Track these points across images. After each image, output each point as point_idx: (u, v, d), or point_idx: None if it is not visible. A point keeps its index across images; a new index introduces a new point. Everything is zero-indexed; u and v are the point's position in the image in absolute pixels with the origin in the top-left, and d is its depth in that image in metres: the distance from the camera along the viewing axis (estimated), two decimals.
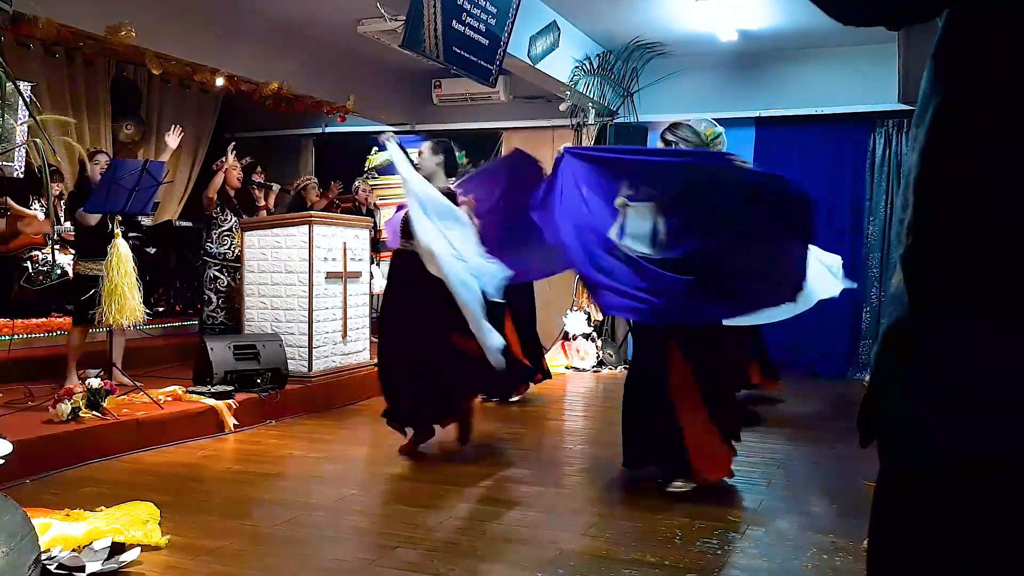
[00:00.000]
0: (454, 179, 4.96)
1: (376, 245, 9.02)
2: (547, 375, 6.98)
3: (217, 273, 6.76)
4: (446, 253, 4.30)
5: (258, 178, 7.43)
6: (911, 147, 0.98)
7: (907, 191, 0.95)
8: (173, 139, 6.01)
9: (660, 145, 4.33)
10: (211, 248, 6.75)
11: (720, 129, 4.96)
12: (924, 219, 0.93)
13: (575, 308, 8.77)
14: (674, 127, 4.32)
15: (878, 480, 1.03)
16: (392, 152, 4.64)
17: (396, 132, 10.29)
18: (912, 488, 0.97)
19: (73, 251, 5.74)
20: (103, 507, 3.45)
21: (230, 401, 5.41)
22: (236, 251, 6.70)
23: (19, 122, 7.00)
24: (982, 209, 0.88)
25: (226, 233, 6.77)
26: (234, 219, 6.80)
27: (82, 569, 2.91)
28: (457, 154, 5.01)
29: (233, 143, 6.90)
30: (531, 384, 6.62)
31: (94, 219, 5.49)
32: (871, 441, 1.04)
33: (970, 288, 0.90)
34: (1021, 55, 0.88)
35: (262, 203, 7.39)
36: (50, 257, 6.98)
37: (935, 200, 0.92)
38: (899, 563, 0.99)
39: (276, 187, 7.70)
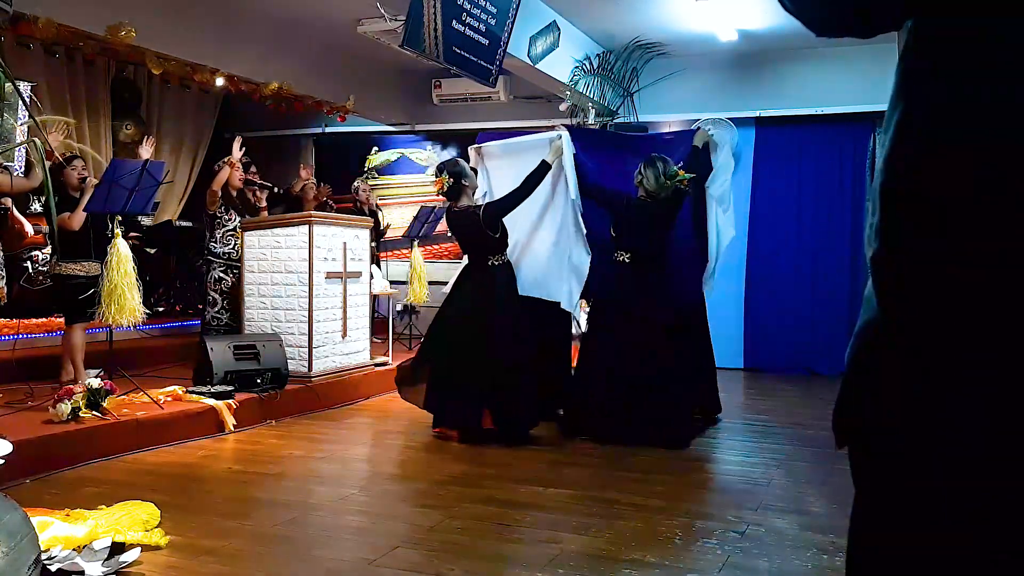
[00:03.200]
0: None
1: (381, 244, 9.03)
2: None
3: (222, 274, 6.75)
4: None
5: (252, 178, 7.42)
6: (879, 153, 1.00)
7: (874, 196, 0.98)
8: (146, 150, 6.02)
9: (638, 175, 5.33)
10: (215, 248, 6.74)
11: (682, 173, 5.32)
12: (890, 224, 0.95)
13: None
14: (647, 164, 5.27)
15: (854, 484, 1.04)
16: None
17: (396, 132, 10.36)
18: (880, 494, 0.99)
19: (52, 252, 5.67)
20: (103, 506, 3.45)
21: (230, 401, 5.41)
22: (240, 251, 6.70)
23: (19, 122, 6.99)
24: (945, 215, 0.90)
25: (230, 233, 6.75)
26: (238, 218, 6.78)
27: (81, 574, 2.91)
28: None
29: (240, 137, 6.86)
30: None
31: (78, 224, 5.44)
32: (846, 443, 1.05)
33: (937, 292, 0.91)
34: (979, 65, 0.90)
35: (263, 204, 7.38)
36: (49, 258, 6.98)
37: (899, 206, 0.94)
38: (883, 562, 1.00)
39: (268, 186, 7.71)
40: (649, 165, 5.25)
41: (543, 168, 5.26)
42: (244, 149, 6.76)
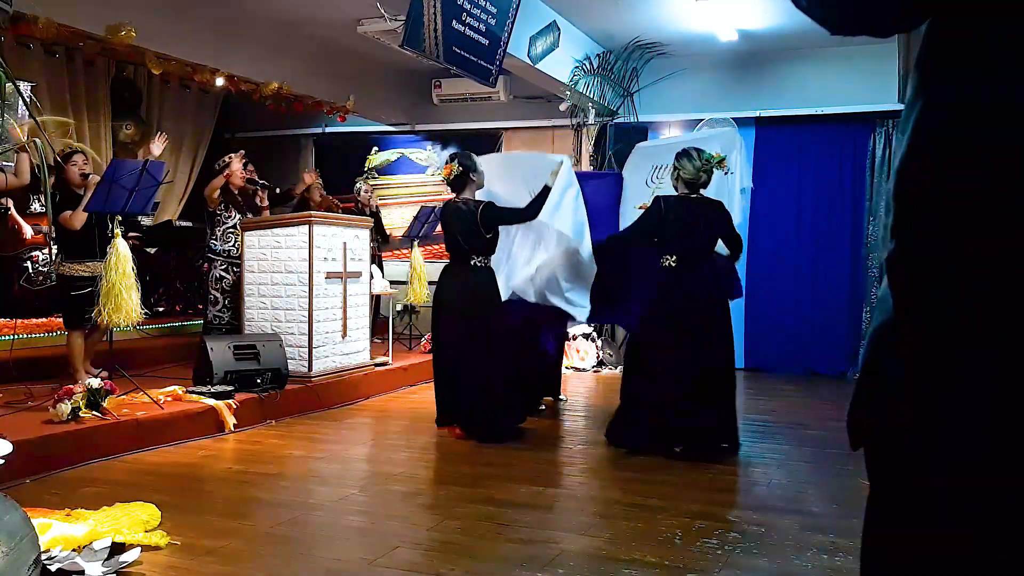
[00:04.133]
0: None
1: (383, 244, 9.02)
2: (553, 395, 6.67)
3: (223, 273, 6.75)
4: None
5: (252, 175, 7.42)
6: (895, 152, 1.00)
7: (890, 196, 0.98)
8: (157, 147, 6.00)
9: (671, 166, 5.13)
10: (216, 245, 6.75)
11: (718, 155, 5.19)
12: (901, 225, 0.95)
13: None
14: (680, 155, 5.04)
15: (869, 483, 1.04)
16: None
17: (396, 132, 10.36)
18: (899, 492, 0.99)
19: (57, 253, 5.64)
20: (105, 506, 3.45)
21: (230, 401, 5.41)
22: (240, 249, 6.72)
23: (19, 122, 6.98)
24: (945, 215, 0.90)
25: (231, 230, 6.76)
26: (238, 216, 6.80)
27: (81, 573, 2.91)
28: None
29: (243, 152, 6.93)
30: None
31: (80, 222, 5.42)
32: (861, 445, 1.05)
33: (939, 292, 0.91)
34: (979, 65, 0.90)
35: (264, 203, 7.39)
36: (50, 258, 6.97)
37: (908, 207, 0.94)
38: (891, 562, 1.00)
39: (268, 185, 7.72)
40: (682, 156, 5.02)
41: (546, 192, 5.21)
42: (246, 164, 6.85)
